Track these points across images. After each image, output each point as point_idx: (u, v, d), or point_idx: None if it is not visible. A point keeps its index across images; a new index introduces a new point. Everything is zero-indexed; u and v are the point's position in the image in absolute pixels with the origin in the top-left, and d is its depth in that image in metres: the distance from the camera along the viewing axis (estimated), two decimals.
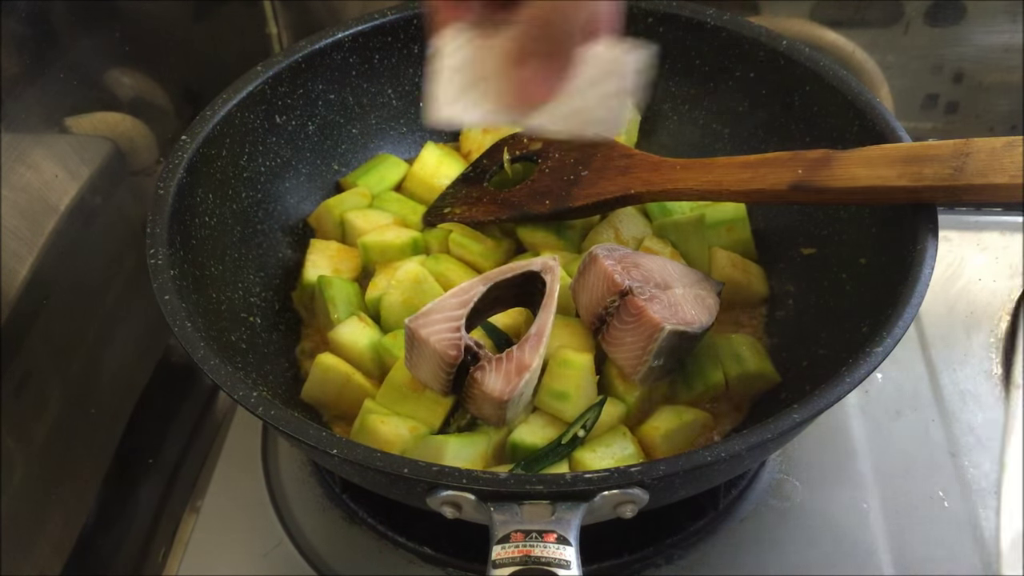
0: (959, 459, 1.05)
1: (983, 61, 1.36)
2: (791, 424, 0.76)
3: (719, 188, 0.98)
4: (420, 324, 0.90)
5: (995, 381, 1.13)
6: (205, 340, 0.84)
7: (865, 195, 0.91)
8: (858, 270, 0.97)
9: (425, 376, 0.93)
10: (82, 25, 1.13)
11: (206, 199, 1.01)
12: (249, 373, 0.93)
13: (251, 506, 1.04)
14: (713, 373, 0.98)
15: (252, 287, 1.05)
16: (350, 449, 0.76)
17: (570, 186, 1.07)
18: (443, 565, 0.97)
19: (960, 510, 1.01)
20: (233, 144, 1.05)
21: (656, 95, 1.19)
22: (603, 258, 0.94)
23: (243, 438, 1.11)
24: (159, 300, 0.86)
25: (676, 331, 0.90)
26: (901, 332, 0.81)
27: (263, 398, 0.80)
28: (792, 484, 1.03)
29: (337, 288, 1.06)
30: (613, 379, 0.97)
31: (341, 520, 1.02)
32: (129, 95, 1.22)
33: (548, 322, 0.91)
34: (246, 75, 1.07)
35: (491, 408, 0.91)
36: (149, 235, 0.91)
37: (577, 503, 0.72)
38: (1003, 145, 0.87)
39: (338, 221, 1.13)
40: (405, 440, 0.92)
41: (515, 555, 0.67)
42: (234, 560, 1.00)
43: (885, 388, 1.12)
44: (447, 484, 0.73)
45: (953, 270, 1.25)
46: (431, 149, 1.19)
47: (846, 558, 0.97)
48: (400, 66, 1.19)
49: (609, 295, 0.93)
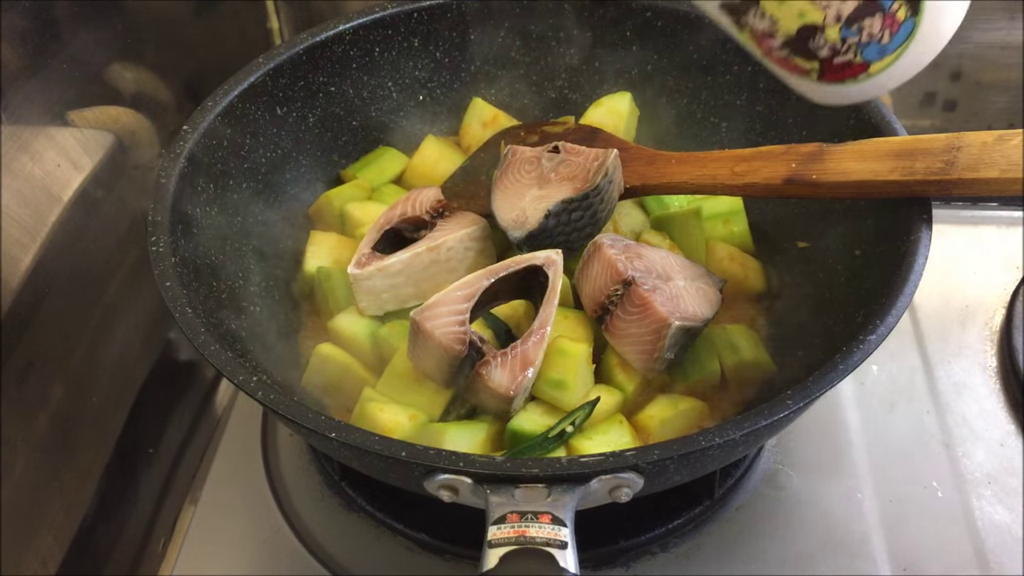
0: (953, 450, 1.06)
1: (981, 59, 1.37)
2: (785, 410, 0.77)
3: (714, 182, 0.98)
4: (426, 317, 0.91)
5: (990, 374, 1.14)
6: (206, 327, 0.85)
7: (857, 189, 0.91)
8: (853, 261, 0.98)
9: (428, 368, 0.94)
10: (84, 19, 1.13)
11: (207, 189, 1.02)
12: (249, 360, 0.94)
13: (251, 495, 1.05)
14: (709, 362, 0.99)
15: (252, 277, 1.05)
16: (348, 433, 0.76)
17: None
18: (440, 552, 0.98)
19: (953, 500, 1.02)
20: (234, 135, 1.06)
21: (654, 89, 1.20)
22: (607, 247, 0.95)
23: (243, 428, 1.12)
24: (160, 287, 0.87)
25: (683, 327, 0.92)
26: (894, 320, 0.82)
27: (263, 383, 0.81)
28: (787, 474, 1.03)
29: (336, 279, 1.07)
30: (612, 368, 0.98)
31: (340, 507, 1.03)
32: (131, 89, 1.23)
33: (551, 316, 0.92)
34: (247, 67, 1.08)
35: (495, 401, 0.92)
36: (151, 223, 0.92)
37: (572, 486, 0.73)
38: (994, 139, 0.88)
39: (338, 213, 1.14)
40: (404, 428, 0.92)
41: (510, 535, 0.68)
42: (234, 548, 1.01)
43: (880, 380, 1.13)
44: (444, 467, 0.74)
45: (949, 264, 1.25)
46: (431, 142, 1.20)
47: (840, 547, 0.97)
48: (400, 59, 1.19)
49: (612, 284, 0.94)
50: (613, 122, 1.16)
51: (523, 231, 0.98)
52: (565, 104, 1.26)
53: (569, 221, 0.97)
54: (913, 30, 0.69)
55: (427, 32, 1.19)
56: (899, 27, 0.68)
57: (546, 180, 0.99)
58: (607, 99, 1.19)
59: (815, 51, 0.70)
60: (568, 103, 1.25)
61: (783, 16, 0.67)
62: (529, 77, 1.25)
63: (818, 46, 0.70)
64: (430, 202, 1.05)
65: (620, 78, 1.22)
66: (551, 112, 1.26)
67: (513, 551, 0.67)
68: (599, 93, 1.22)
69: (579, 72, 1.24)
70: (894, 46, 0.70)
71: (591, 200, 0.97)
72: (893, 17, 0.68)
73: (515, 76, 1.25)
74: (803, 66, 0.72)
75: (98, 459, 1.09)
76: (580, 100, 1.24)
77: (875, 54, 0.70)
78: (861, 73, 0.72)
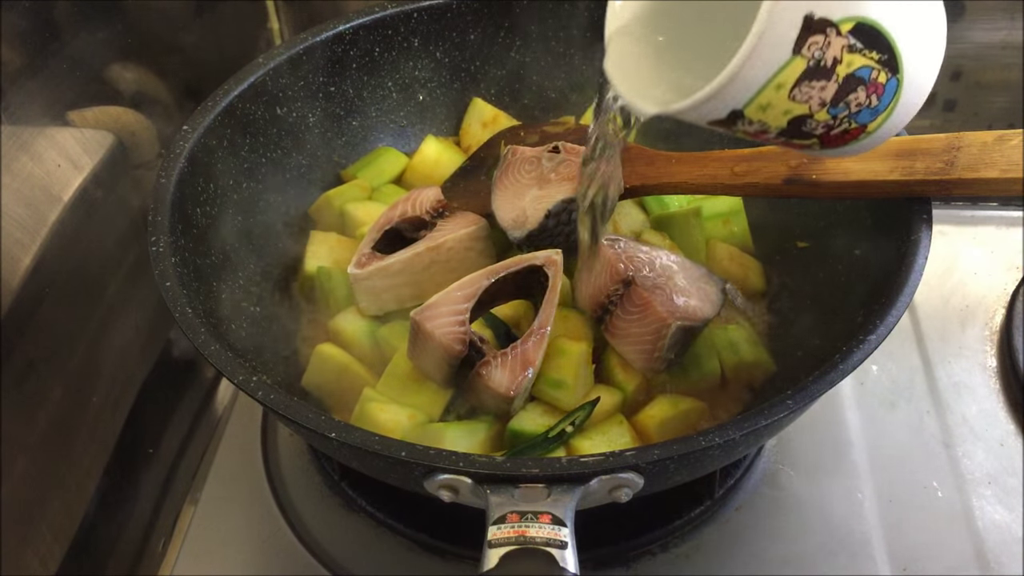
0: (953, 450, 1.06)
1: (981, 59, 1.37)
2: (785, 410, 0.77)
3: (714, 182, 0.98)
4: (426, 317, 0.91)
5: (990, 373, 1.14)
6: (206, 326, 0.85)
7: (857, 188, 0.91)
8: (853, 261, 0.98)
9: (427, 368, 0.94)
10: (84, 19, 1.13)
11: (207, 189, 1.02)
12: (249, 360, 0.94)
13: (251, 495, 1.05)
14: (709, 363, 0.99)
15: (252, 277, 1.06)
16: (348, 433, 0.76)
17: None
18: (440, 552, 0.98)
19: (953, 500, 1.02)
20: (234, 135, 1.06)
21: None
22: (607, 246, 0.95)
23: (243, 428, 1.12)
24: (160, 287, 0.87)
25: (683, 326, 0.92)
26: (894, 320, 0.82)
27: (263, 383, 0.81)
28: (787, 474, 1.03)
29: (336, 279, 1.07)
30: (612, 368, 0.98)
31: (340, 508, 1.03)
32: (131, 89, 1.23)
33: (551, 316, 0.92)
34: (247, 67, 1.08)
35: (495, 402, 0.92)
36: (151, 223, 0.92)
37: (572, 486, 0.73)
38: (994, 139, 0.88)
39: (338, 213, 1.14)
40: (404, 428, 0.92)
41: (510, 535, 0.68)
42: (234, 548, 1.01)
43: (880, 380, 1.13)
44: (444, 467, 0.74)
45: (949, 264, 1.26)
46: (431, 142, 1.20)
47: (840, 547, 0.97)
48: (400, 59, 1.20)
49: (612, 283, 0.94)
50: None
51: (523, 231, 0.98)
52: (565, 104, 1.26)
53: (569, 221, 0.97)
54: (898, 87, 0.70)
55: (427, 32, 1.19)
56: (884, 88, 0.70)
57: (546, 180, 0.99)
58: None
59: (811, 133, 0.72)
60: (568, 103, 1.25)
61: (770, 118, 0.69)
62: (529, 77, 1.25)
63: (812, 129, 0.71)
64: (430, 202, 1.05)
65: None
66: (551, 112, 1.26)
67: (513, 551, 0.67)
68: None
69: (579, 72, 1.24)
70: (884, 105, 0.71)
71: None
72: (875, 83, 0.69)
73: (515, 76, 1.25)
74: (803, 143, 0.74)
75: (98, 459, 1.09)
76: (580, 100, 1.24)
77: (868, 117, 0.72)
78: (860, 135, 0.74)
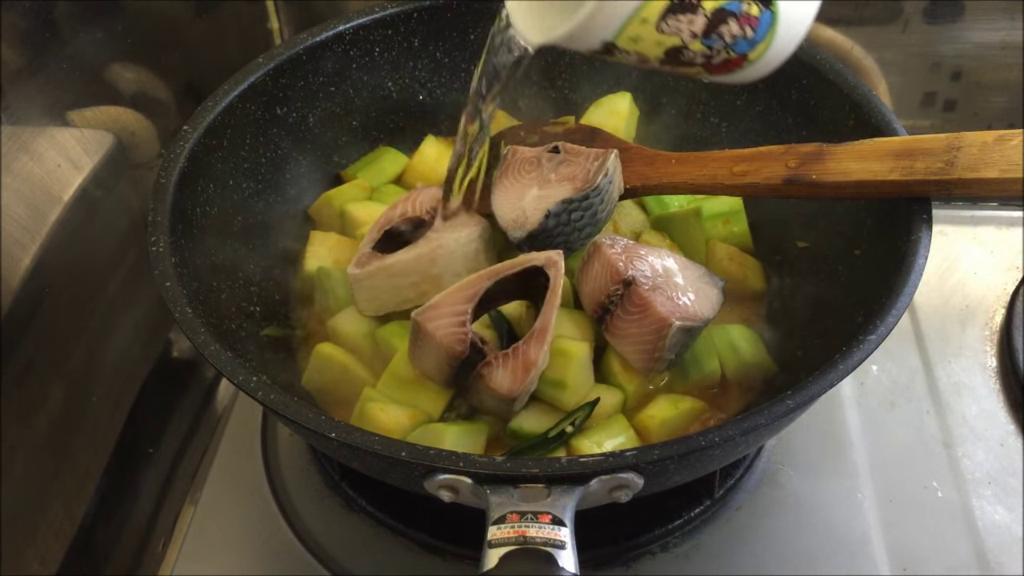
0: (953, 450, 1.06)
1: (981, 59, 1.37)
2: (785, 410, 0.77)
3: (713, 182, 0.98)
4: (427, 318, 0.91)
5: (990, 373, 1.14)
6: (206, 326, 0.85)
7: (857, 189, 0.91)
8: (853, 261, 0.98)
9: (428, 368, 0.94)
10: (84, 19, 1.13)
11: (207, 188, 1.02)
12: (249, 360, 0.94)
13: (251, 495, 1.05)
14: (709, 363, 0.99)
15: (252, 276, 1.05)
16: (348, 432, 0.76)
17: None
18: (440, 552, 0.98)
19: (953, 500, 1.02)
20: (234, 135, 1.06)
21: (653, 89, 1.20)
22: (607, 247, 0.95)
23: (243, 428, 1.12)
24: (160, 286, 0.87)
25: (683, 327, 0.92)
26: (894, 320, 0.82)
27: (263, 383, 0.81)
28: (787, 474, 1.03)
29: (336, 279, 1.07)
30: (613, 368, 0.98)
31: (340, 508, 1.03)
32: (131, 89, 1.23)
33: (552, 317, 0.92)
34: (248, 66, 1.08)
35: (496, 402, 0.92)
36: (151, 223, 0.92)
37: (572, 486, 0.73)
38: (994, 139, 0.88)
39: (338, 213, 1.14)
40: (404, 428, 0.92)
41: (510, 535, 0.68)
42: (234, 548, 1.01)
43: (880, 380, 1.13)
44: (444, 467, 0.74)
45: (949, 264, 1.26)
46: (431, 142, 1.20)
47: (840, 547, 0.97)
48: (400, 59, 1.19)
49: (612, 284, 0.94)
50: (613, 122, 1.16)
51: (523, 231, 0.98)
52: (565, 104, 1.26)
53: (569, 221, 0.97)
54: (774, 18, 0.71)
55: (427, 32, 1.19)
56: (757, 20, 0.71)
57: (546, 180, 0.99)
58: (607, 99, 1.19)
59: (691, 62, 0.73)
60: (568, 103, 1.25)
61: (644, 49, 0.70)
62: (529, 77, 1.25)
63: (691, 59, 0.72)
64: (430, 202, 1.05)
65: (620, 78, 1.22)
66: (551, 112, 1.26)
67: (513, 551, 0.67)
68: (599, 93, 1.22)
69: (579, 72, 1.24)
70: (761, 36, 0.72)
71: (591, 200, 0.97)
72: (747, 16, 0.70)
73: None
74: (689, 71, 0.75)
75: (98, 459, 1.09)
76: (580, 100, 1.24)
77: (746, 47, 0.73)
78: (744, 63, 0.74)
